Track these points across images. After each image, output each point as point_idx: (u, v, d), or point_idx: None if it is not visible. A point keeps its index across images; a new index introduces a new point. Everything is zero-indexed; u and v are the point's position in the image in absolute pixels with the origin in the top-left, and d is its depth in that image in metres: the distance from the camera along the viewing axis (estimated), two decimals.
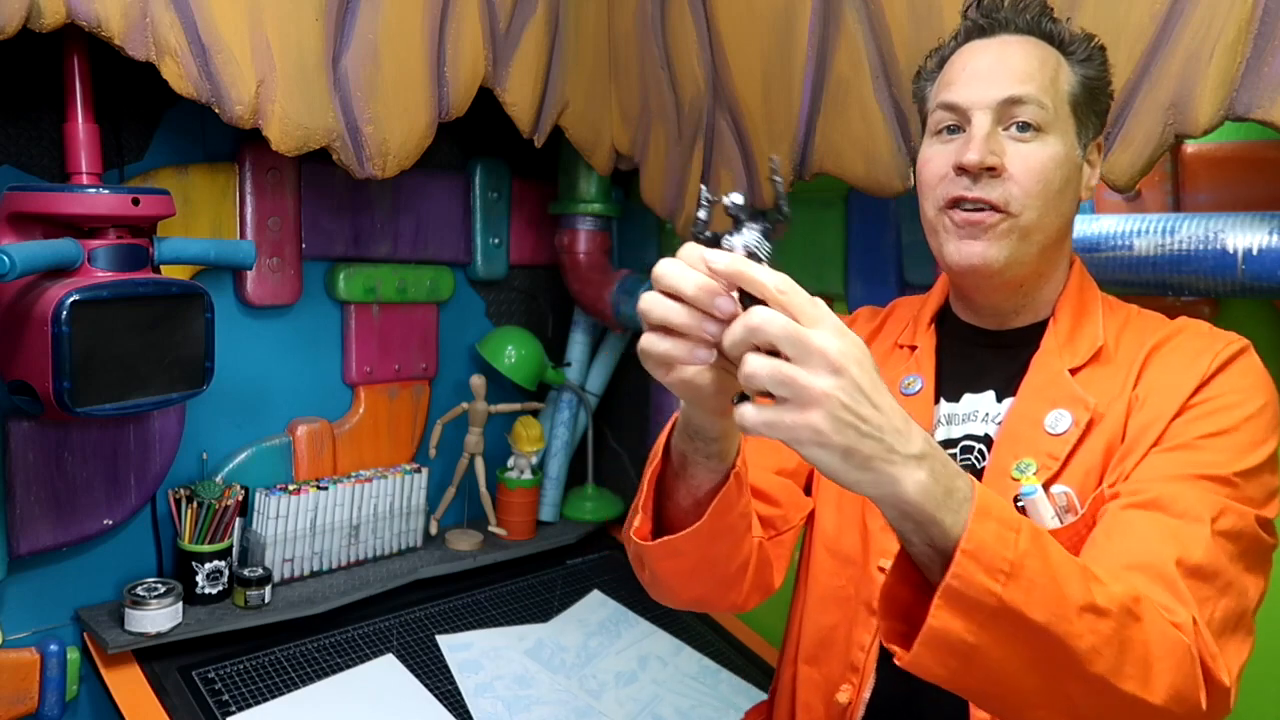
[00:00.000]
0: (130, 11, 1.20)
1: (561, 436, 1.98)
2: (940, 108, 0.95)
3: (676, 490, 0.84)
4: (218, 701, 1.36)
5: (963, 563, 0.63)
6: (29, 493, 1.35)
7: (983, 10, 0.96)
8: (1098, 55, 0.95)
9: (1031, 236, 0.91)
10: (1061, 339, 0.96)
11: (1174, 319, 0.96)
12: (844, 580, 1.00)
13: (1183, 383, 0.87)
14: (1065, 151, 0.92)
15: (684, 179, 1.65)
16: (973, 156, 0.89)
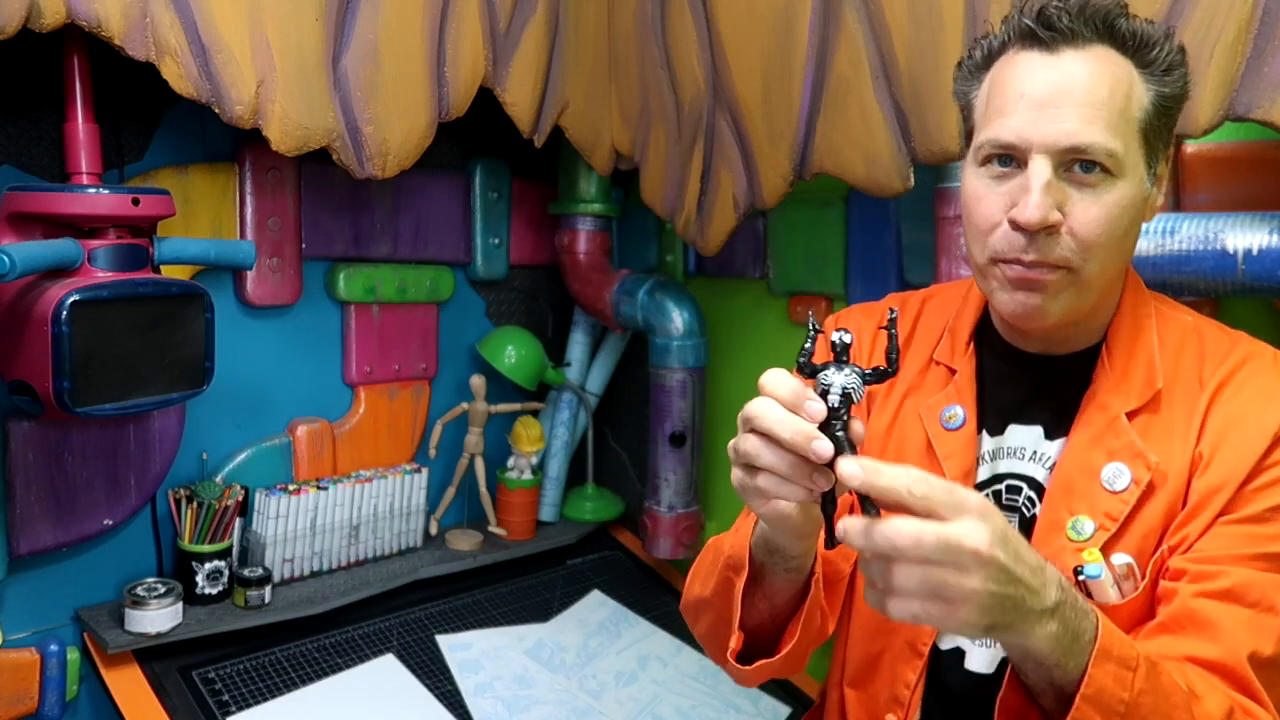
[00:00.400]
0: (130, 11, 1.20)
1: (561, 436, 1.98)
2: (991, 145, 0.83)
3: (753, 597, 0.85)
4: (218, 701, 1.36)
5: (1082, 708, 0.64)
6: (29, 493, 1.35)
7: (1041, 19, 0.81)
8: (1179, 64, 0.82)
9: (1091, 287, 0.84)
10: (1117, 376, 0.88)
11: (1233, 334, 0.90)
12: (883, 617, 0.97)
13: (1252, 442, 0.81)
14: (1133, 192, 0.81)
15: (684, 179, 1.65)
16: (1032, 215, 0.79)
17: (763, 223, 1.82)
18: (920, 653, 0.93)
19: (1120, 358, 0.88)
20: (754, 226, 1.82)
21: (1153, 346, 0.88)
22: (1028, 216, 0.79)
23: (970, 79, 0.89)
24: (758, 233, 1.83)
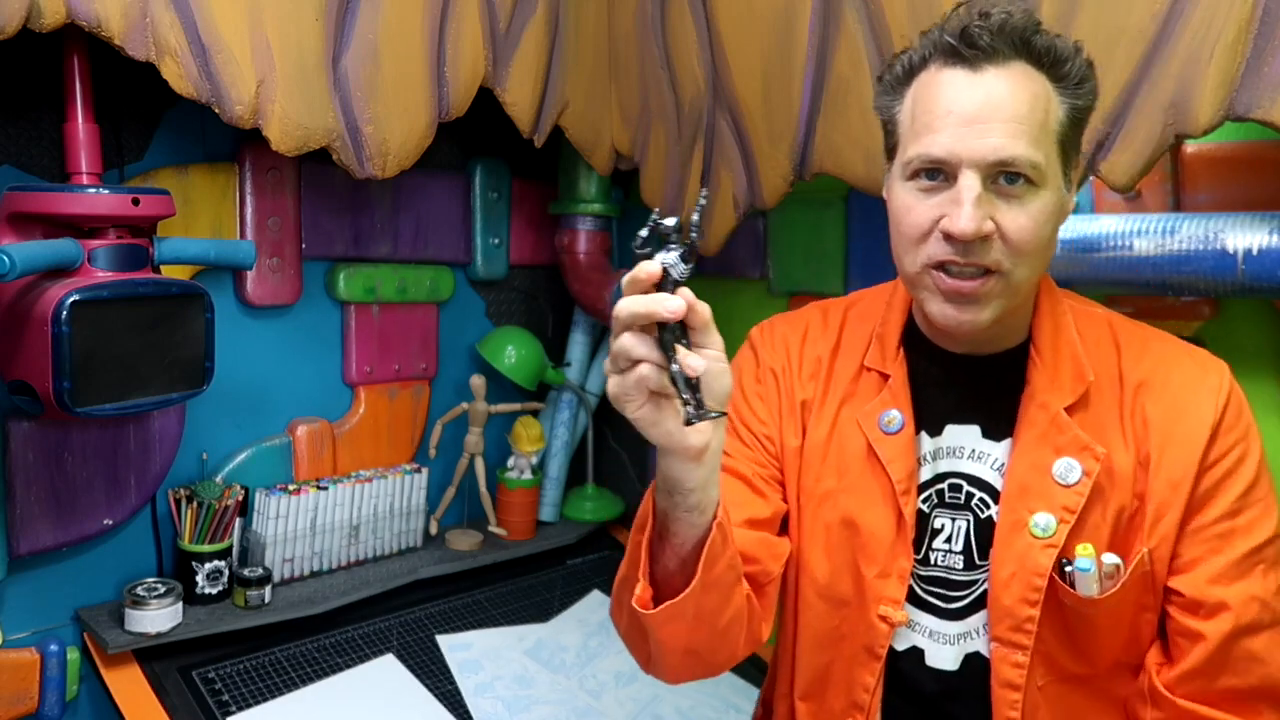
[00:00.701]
0: (130, 11, 1.20)
1: (561, 436, 1.98)
2: (920, 160, 0.87)
3: (662, 554, 0.84)
4: (218, 701, 1.36)
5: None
6: (29, 493, 1.35)
7: (964, 37, 0.84)
8: (1090, 78, 0.87)
9: (1020, 290, 0.88)
10: (1048, 374, 0.92)
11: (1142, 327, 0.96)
12: (838, 622, 0.98)
13: (1195, 436, 0.88)
14: (1055, 199, 0.86)
15: (684, 179, 1.65)
16: (966, 226, 0.82)
17: (763, 223, 1.82)
18: (878, 655, 0.95)
19: (1049, 355, 0.93)
20: (754, 226, 1.82)
21: (1075, 342, 0.93)
22: (962, 227, 0.82)
23: (892, 94, 0.92)
24: (758, 233, 1.83)
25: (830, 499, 0.98)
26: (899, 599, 0.94)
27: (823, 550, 0.98)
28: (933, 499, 0.95)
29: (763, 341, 1.06)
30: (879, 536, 0.95)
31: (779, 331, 1.06)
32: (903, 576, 0.94)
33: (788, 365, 1.03)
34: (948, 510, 0.95)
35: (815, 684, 1.00)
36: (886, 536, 0.94)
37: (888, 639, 0.95)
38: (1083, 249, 1.28)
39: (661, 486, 0.81)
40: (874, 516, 0.95)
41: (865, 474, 0.96)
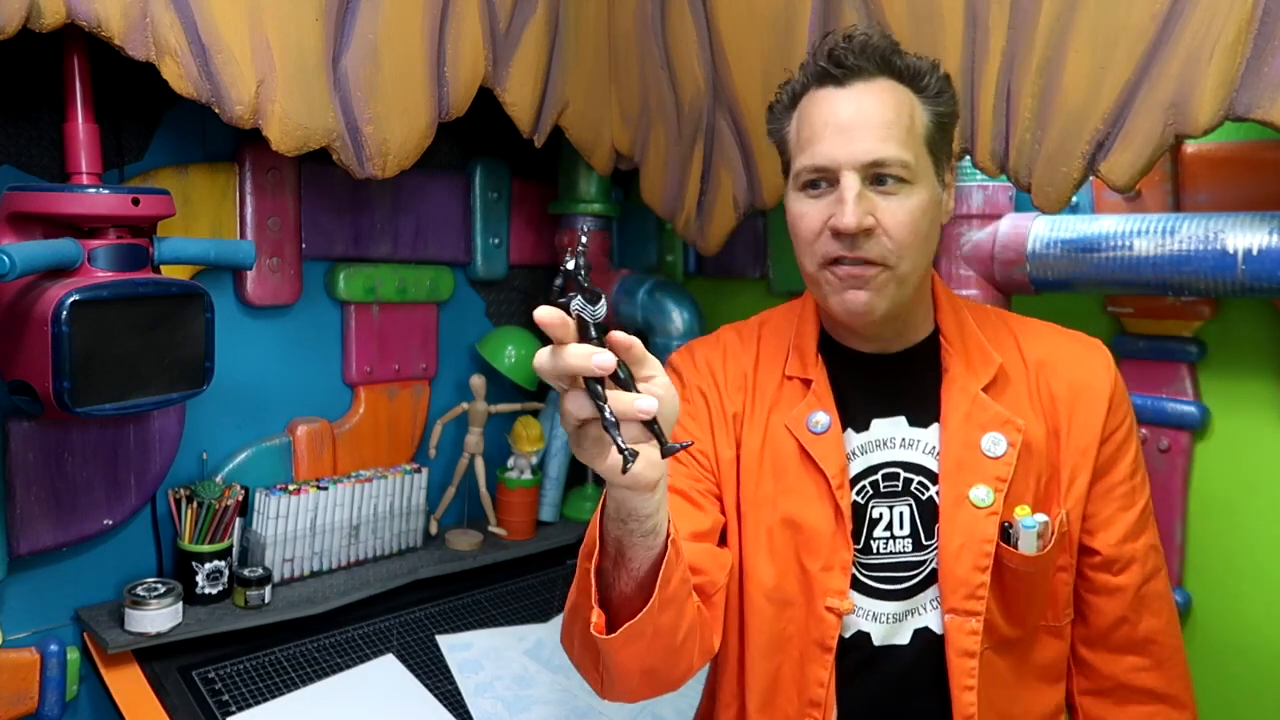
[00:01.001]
0: (130, 11, 1.20)
1: (561, 436, 1.98)
2: (808, 170, 0.96)
3: (618, 579, 0.85)
4: (218, 701, 1.36)
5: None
6: (29, 493, 1.35)
7: (833, 59, 0.96)
8: (947, 89, 0.99)
9: (909, 280, 0.97)
10: (962, 360, 1.02)
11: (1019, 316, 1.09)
12: (784, 623, 1.01)
13: (1096, 406, 1.01)
14: (929, 195, 0.96)
15: (684, 179, 1.65)
16: (849, 221, 0.92)
17: (763, 223, 1.82)
18: (829, 647, 0.99)
19: (958, 344, 1.03)
20: (754, 226, 1.82)
21: (977, 332, 1.04)
22: (846, 222, 0.92)
23: (781, 119, 1.02)
24: (758, 233, 1.83)
25: (770, 502, 1.02)
26: (843, 589, 0.99)
27: (767, 553, 1.02)
28: (867, 490, 1.02)
29: (684, 364, 1.12)
30: (819, 531, 1.00)
31: (699, 353, 1.12)
32: (845, 568, 0.99)
33: (714, 382, 1.09)
34: (885, 499, 1.01)
35: (768, 690, 1.02)
36: (826, 530, 1.00)
37: (837, 630, 0.99)
38: (1083, 249, 1.28)
39: (614, 515, 0.81)
40: (813, 513, 1.00)
41: (801, 474, 1.02)
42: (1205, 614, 1.35)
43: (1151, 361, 1.36)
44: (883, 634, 1.00)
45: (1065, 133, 1.18)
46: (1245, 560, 1.31)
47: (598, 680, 0.93)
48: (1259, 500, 1.30)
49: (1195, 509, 1.35)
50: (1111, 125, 1.14)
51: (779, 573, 1.01)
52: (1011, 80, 1.23)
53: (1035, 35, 1.19)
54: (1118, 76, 1.13)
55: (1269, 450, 1.29)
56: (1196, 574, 1.35)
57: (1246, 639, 1.31)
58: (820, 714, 0.99)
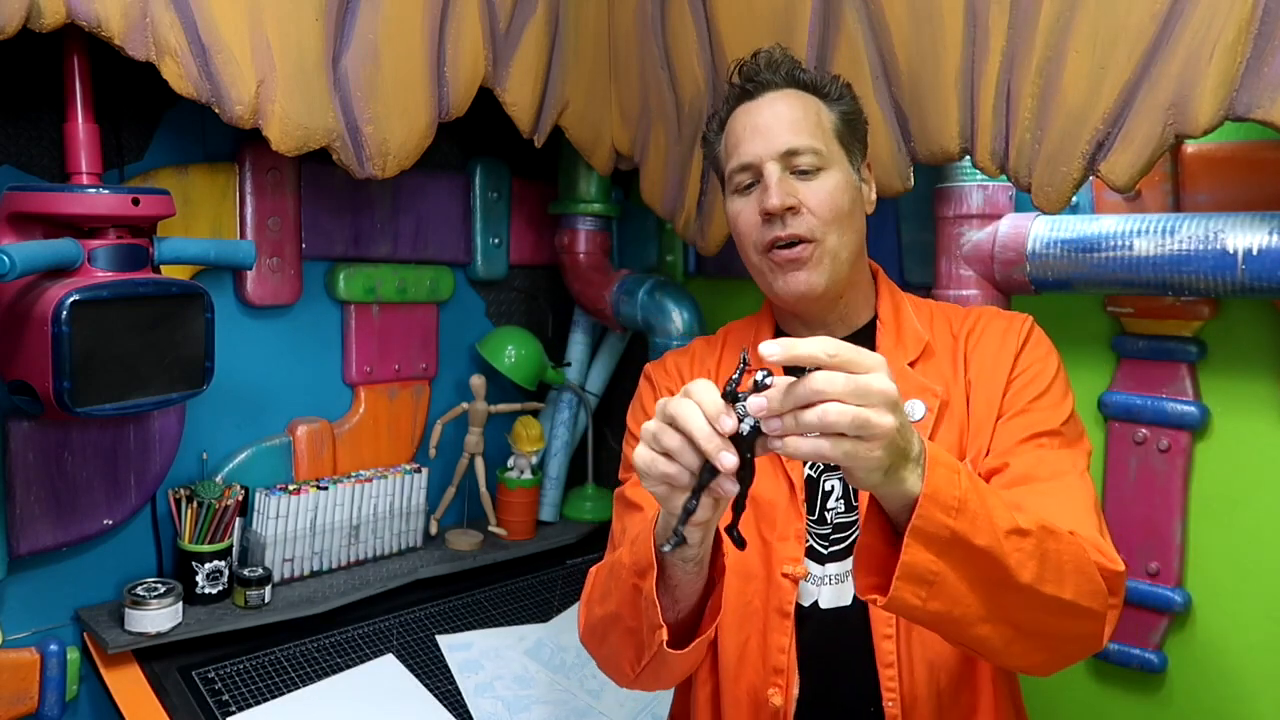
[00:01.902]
0: (130, 11, 1.20)
1: (561, 436, 1.98)
2: (736, 170, 1.10)
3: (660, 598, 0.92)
4: (218, 701, 1.36)
5: (925, 505, 0.77)
6: (29, 493, 1.35)
7: (745, 76, 1.12)
8: (846, 93, 1.13)
9: (839, 256, 1.08)
10: (892, 339, 1.12)
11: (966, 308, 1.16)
12: (749, 595, 1.08)
13: (1001, 361, 1.07)
14: (845, 178, 1.09)
15: (684, 179, 1.65)
16: (774, 201, 1.05)
17: None
18: (787, 613, 1.05)
19: (891, 326, 1.14)
20: None
21: (912, 317, 1.14)
22: (771, 202, 1.06)
23: (714, 142, 1.17)
24: None
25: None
26: (798, 557, 1.06)
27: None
28: (819, 465, 1.09)
29: (657, 372, 1.24)
30: (775, 504, 1.08)
31: (670, 362, 1.24)
32: (799, 537, 1.07)
33: (681, 382, 1.17)
34: (835, 472, 1.09)
35: (737, 663, 1.08)
36: (781, 502, 1.08)
37: (793, 595, 1.06)
38: (1083, 249, 1.28)
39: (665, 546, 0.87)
40: (769, 487, 1.08)
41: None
42: (1205, 614, 1.35)
43: (1151, 361, 1.36)
44: (829, 596, 1.06)
45: (1065, 133, 1.18)
46: (1245, 560, 1.31)
47: (630, 677, 1.01)
48: (1259, 500, 1.30)
49: (1195, 509, 1.35)
50: (1111, 125, 1.14)
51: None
52: (1011, 80, 1.23)
53: (1035, 35, 1.19)
54: (1118, 76, 1.13)
55: (1269, 450, 1.29)
56: (1196, 574, 1.35)
57: (1246, 639, 1.31)
58: (783, 681, 1.05)
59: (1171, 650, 1.38)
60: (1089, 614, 0.88)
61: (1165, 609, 1.35)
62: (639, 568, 0.92)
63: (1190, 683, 1.37)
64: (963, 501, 0.79)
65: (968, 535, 0.79)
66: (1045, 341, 1.10)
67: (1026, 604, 0.84)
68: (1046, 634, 0.88)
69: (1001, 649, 0.86)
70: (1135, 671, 1.40)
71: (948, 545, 0.79)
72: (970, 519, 0.79)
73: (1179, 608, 1.35)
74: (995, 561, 0.81)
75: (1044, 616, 0.86)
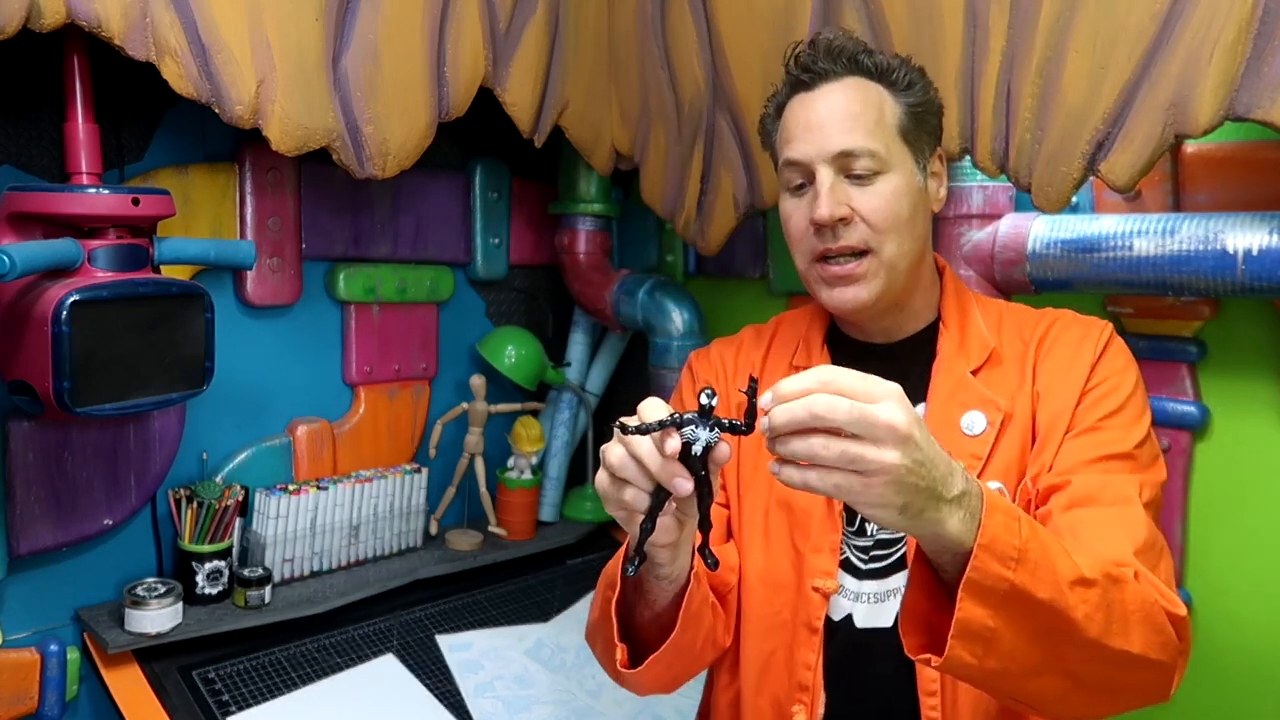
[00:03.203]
0: (130, 11, 1.20)
1: (561, 436, 1.98)
2: (786, 166, 1.02)
3: (638, 607, 0.91)
4: (218, 701, 1.36)
5: (980, 556, 0.70)
6: (29, 493, 1.35)
7: (801, 64, 1.02)
8: (918, 79, 1.02)
9: (896, 266, 0.99)
10: (955, 343, 1.03)
11: (1040, 309, 1.06)
12: (779, 606, 1.03)
13: (1075, 372, 0.97)
14: (906, 181, 0.99)
15: (684, 179, 1.65)
16: (823, 212, 0.97)
17: (763, 223, 1.82)
18: (816, 628, 1.00)
19: (955, 330, 1.04)
20: (754, 226, 1.82)
21: (978, 321, 1.05)
22: (820, 213, 0.97)
23: (770, 130, 1.08)
24: (758, 233, 1.83)
25: (767, 486, 1.05)
26: (831, 570, 1.00)
27: (761, 534, 1.05)
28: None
29: (699, 361, 1.19)
30: (811, 513, 1.02)
31: (714, 351, 1.18)
32: (834, 549, 1.01)
33: (722, 373, 1.15)
34: None
35: (760, 674, 1.04)
36: (818, 512, 1.02)
37: (822, 610, 1.00)
38: (1083, 249, 1.28)
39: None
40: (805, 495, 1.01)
41: None
42: (1205, 614, 1.35)
43: (1151, 361, 1.35)
44: (865, 615, 1.00)
45: (1065, 133, 1.18)
46: (1245, 560, 1.31)
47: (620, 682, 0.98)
48: (1259, 500, 1.30)
49: (1195, 509, 1.35)
50: (1111, 125, 1.14)
51: (773, 555, 1.03)
52: (1011, 80, 1.23)
53: (1035, 35, 1.19)
54: (1118, 76, 1.13)
55: (1269, 450, 1.29)
56: (1196, 574, 1.35)
57: (1246, 639, 1.31)
58: (808, 698, 1.00)
59: None
60: (1156, 666, 0.80)
61: None
62: (609, 581, 0.91)
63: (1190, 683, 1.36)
64: (1023, 551, 0.72)
65: (1028, 588, 0.72)
66: (1125, 353, 1.01)
67: (1090, 658, 0.77)
68: (1109, 687, 0.80)
69: (1056, 700, 0.79)
70: None
71: (1005, 599, 0.72)
72: (1031, 570, 0.72)
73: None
74: (1059, 615, 0.74)
75: (1108, 670, 0.78)
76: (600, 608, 0.95)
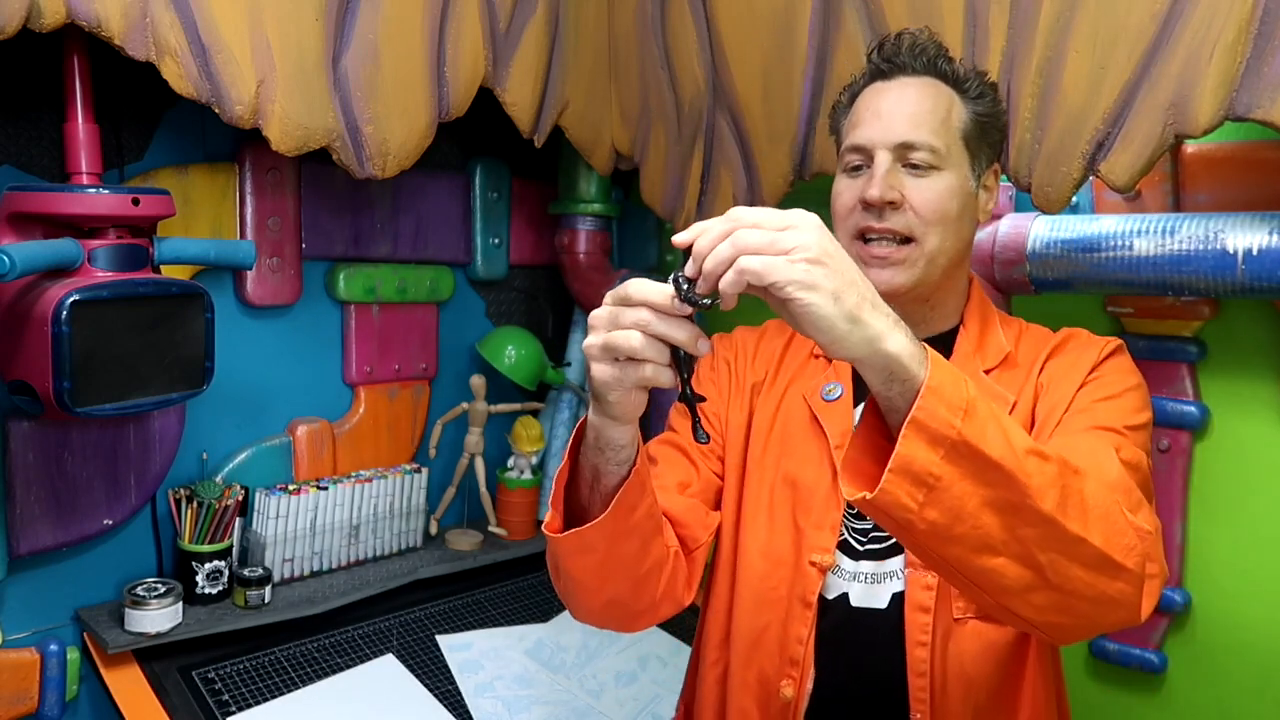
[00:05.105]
0: (130, 11, 1.20)
1: (561, 436, 1.98)
2: (848, 151, 1.04)
3: (593, 503, 0.90)
4: (218, 701, 1.36)
5: (927, 397, 0.71)
6: (29, 493, 1.35)
7: (884, 55, 1.05)
8: (989, 93, 1.05)
9: (936, 260, 1.01)
10: (972, 345, 1.07)
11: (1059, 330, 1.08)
12: (775, 581, 1.05)
13: (1078, 368, 1.00)
14: (959, 183, 1.01)
15: (684, 179, 1.65)
16: (875, 192, 0.99)
17: None
18: (809, 603, 1.01)
19: (974, 333, 1.08)
20: None
21: (998, 330, 1.08)
22: (872, 193, 0.99)
23: (842, 115, 1.10)
24: None
25: (775, 463, 1.08)
26: (829, 547, 1.02)
27: (765, 510, 1.07)
28: None
29: (721, 342, 1.20)
30: (815, 490, 1.04)
31: (738, 336, 1.20)
32: (834, 527, 1.03)
33: (741, 355, 1.17)
34: None
35: (751, 648, 1.05)
36: (822, 489, 1.04)
37: (818, 585, 1.02)
38: (1083, 249, 1.28)
39: (593, 445, 0.86)
40: (811, 472, 1.05)
41: (807, 438, 1.07)
42: (1205, 614, 1.35)
43: (1151, 361, 1.35)
44: (860, 594, 1.02)
45: (1065, 133, 1.18)
46: (1245, 560, 1.31)
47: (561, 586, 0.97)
48: (1259, 500, 1.30)
49: (1195, 509, 1.35)
50: (1111, 125, 1.14)
51: (774, 530, 1.05)
52: (1011, 80, 1.23)
53: (1035, 35, 1.19)
54: (1118, 76, 1.13)
55: (1269, 450, 1.29)
56: (1196, 574, 1.35)
57: (1246, 639, 1.31)
58: (798, 673, 1.01)
59: (1171, 650, 1.38)
60: (1122, 571, 0.77)
61: (1165, 609, 1.35)
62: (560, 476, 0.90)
63: (1190, 683, 1.37)
64: (971, 404, 0.71)
65: (978, 443, 0.71)
66: (1130, 363, 1.03)
67: (1048, 540, 0.74)
68: (1074, 590, 0.77)
69: (1019, 593, 0.76)
70: (1135, 671, 1.40)
71: (954, 449, 0.71)
72: (980, 426, 0.71)
73: (1179, 608, 1.35)
74: (1011, 479, 0.72)
75: (1070, 565, 0.76)
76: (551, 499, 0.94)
